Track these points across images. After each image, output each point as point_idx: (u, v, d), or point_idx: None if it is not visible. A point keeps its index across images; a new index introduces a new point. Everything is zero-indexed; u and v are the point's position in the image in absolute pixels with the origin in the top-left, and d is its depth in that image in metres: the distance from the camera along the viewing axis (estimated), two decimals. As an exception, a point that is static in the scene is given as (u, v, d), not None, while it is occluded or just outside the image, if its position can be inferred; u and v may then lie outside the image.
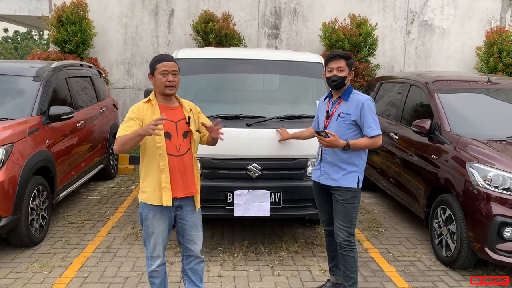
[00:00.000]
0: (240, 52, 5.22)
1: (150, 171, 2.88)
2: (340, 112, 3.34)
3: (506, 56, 8.36)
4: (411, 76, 5.89)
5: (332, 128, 3.34)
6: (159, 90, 2.90)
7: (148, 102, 2.91)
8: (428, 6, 9.25)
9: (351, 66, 3.34)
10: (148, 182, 2.89)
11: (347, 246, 3.36)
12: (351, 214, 3.35)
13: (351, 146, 3.24)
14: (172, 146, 2.87)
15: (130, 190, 6.69)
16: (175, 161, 2.88)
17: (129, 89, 9.10)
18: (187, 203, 3.00)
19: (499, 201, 3.82)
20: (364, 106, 3.25)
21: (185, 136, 2.94)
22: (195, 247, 3.09)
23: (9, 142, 4.23)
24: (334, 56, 3.32)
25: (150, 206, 2.91)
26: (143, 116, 2.85)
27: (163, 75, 2.85)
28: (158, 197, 2.87)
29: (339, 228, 3.36)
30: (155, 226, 2.94)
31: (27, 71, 5.30)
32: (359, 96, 3.33)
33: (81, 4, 8.38)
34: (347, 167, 3.33)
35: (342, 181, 3.33)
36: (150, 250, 3.00)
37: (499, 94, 5.30)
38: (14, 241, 4.39)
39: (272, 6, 9.11)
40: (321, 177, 3.45)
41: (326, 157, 3.40)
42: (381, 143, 3.38)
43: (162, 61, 2.87)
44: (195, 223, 3.06)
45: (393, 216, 5.77)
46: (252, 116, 4.37)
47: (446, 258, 4.28)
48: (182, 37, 9.02)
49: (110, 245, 4.62)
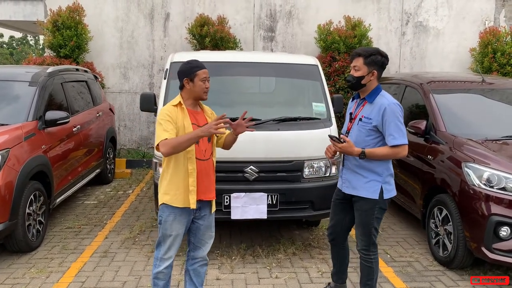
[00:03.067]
0: (236, 55, 5.24)
1: (176, 174, 2.93)
2: (362, 115, 3.10)
3: (501, 57, 8.40)
4: (406, 77, 5.92)
5: (353, 132, 3.12)
6: (196, 95, 2.97)
7: (178, 106, 2.96)
8: (422, 7, 9.29)
9: (373, 64, 3.04)
10: (174, 184, 2.94)
11: (364, 256, 3.25)
12: (369, 226, 3.14)
13: (366, 155, 3.00)
14: (200, 151, 2.96)
15: (127, 195, 6.68)
16: (202, 165, 2.97)
17: (125, 93, 9.09)
18: (206, 205, 3.09)
19: (495, 201, 3.84)
20: (387, 111, 2.97)
21: (209, 140, 3.04)
22: (205, 247, 3.15)
23: (5, 147, 4.22)
24: (353, 55, 3.12)
25: (171, 208, 2.95)
26: (175, 118, 2.90)
27: (203, 81, 2.95)
28: (183, 199, 2.93)
29: (358, 236, 3.25)
30: (174, 229, 2.98)
31: (23, 76, 5.29)
32: (383, 99, 3.05)
33: (77, 9, 8.37)
34: (368, 175, 3.09)
35: (362, 190, 3.12)
36: (163, 252, 3.02)
37: (493, 94, 5.33)
38: (11, 246, 4.38)
39: (267, 9, 9.13)
40: (343, 185, 3.27)
41: (347, 163, 3.21)
42: (406, 153, 3.07)
43: (201, 68, 2.97)
44: (210, 223, 3.15)
45: (390, 217, 5.78)
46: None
47: (443, 258, 4.29)
48: (178, 40, 9.02)
49: (107, 250, 4.61)
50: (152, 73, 9.09)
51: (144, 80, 9.10)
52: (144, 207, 6.05)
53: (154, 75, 9.09)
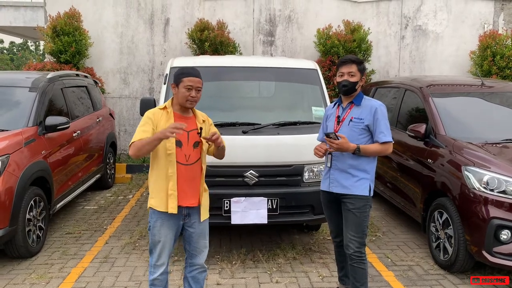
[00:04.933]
0: (236, 59, 5.25)
1: (159, 177, 2.92)
2: (352, 117, 3.29)
3: (500, 60, 8.41)
4: (406, 81, 5.93)
5: (343, 133, 3.27)
6: (179, 101, 2.95)
7: (163, 109, 2.96)
8: (421, 11, 9.31)
9: (363, 71, 3.32)
10: (156, 188, 2.94)
11: (357, 258, 3.27)
12: (363, 224, 3.26)
13: (361, 151, 3.18)
14: (182, 155, 2.93)
15: (127, 199, 6.68)
16: (183, 170, 2.92)
17: (125, 98, 9.11)
18: (195, 212, 3.03)
19: (495, 204, 3.83)
20: (378, 111, 3.23)
21: (196, 146, 2.99)
22: (201, 255, 3.11)
23: (5, 153, 4.23)
24: (346, 61, 3.29)
25: (158, 213, 2.94)
26: (158, 121, 2.90)
27: (187, 89, 2.90)
28: (164, 203, 2.91)
29: (350, 239, 3.27)
30: (162, 234, 2.96)
31: (23, 81, 5.31)
32: (372, 101, 3.32)
33: (74, 14, 8.39)
34: (358, 174, 3.26)
35: (354, 188, 3.25)
36: (155, 259, 3.00)
37: (493, 97, 5.33)
38: (11, 252, 4.37)
39: (266, 13, 9.15)
40: (331, 185, 3.36)
41: (336, 163, 3.32)
42: (392, 151, 3.34)
43: (189, 75, 2.91)
44: (203, 231, 3.09)
45: (390, 221, 5.78)
46: (248, 123, 4.38)
47: (444, 261, 4.28)
48: (178, 45, 9.04)
49: (107, 255, 4.60)
50: (152, 78, 9.11)
51: (144, 85, 9.11)
52: (144, 212, 6.04)
53: (154, 80, 9.11)
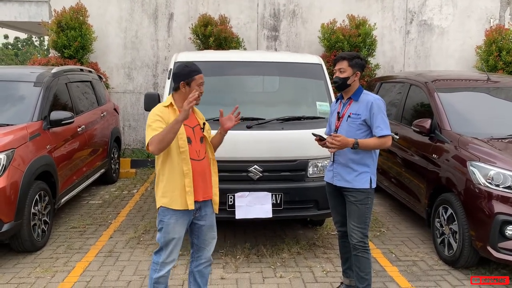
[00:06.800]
0: (240, 54, 5.24)
1: (172, 176, 2.91)
2: (350, 113, 3.36)
3: (506, 55, 8.35)
4: (411, 75, 5.89)
5: (343, 128, 3.36)
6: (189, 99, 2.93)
7: (169, 107, 2.95)
8: (427, 5, 9.25)
9: (356, 66, 3.34)
10: (171, 186, 2.92)
11: (361, 247, 3.36)
12: (365, 215, 3.35)
13: (360, 145, 3.22)
14: (193, 151, 2.94)
15: (132, 194, 6.70)
16: (196, 166, 2.94)
17: (129, 93, 9.11)
18: (206, 205, 3.06)
19: (500, 200, 3.81)
20: (373, 106, 3.26)
21: (201, 141, 3.02)
22: (209, 247, 3.14)
23: (10, 147, 4.24)
24: (337, 58, 3.42)
25: (172, 211, 2.92)
26: (167, 119, 2.88)
27: (199, 86, 2.94)
28: (179, 201, 2.90)
29: (353, 229, 3.37)
30: (177, 231, 2.96)
31: (28, 76, 5.32)
32: (369, 96, 3.35)
33: (80, 9, 8.39)
34: (359, 168, 3.33)
35: (355, 182, 3.33)
36: (165, 256, 2.98)
37: (499, 92, 5.30)
38: (17, 246, 4.40)
39: (271, 8, 9.11)
40: (334, 179, 3.46)
41: (338, 158, 3.41)
42: (391, 144, 3.38)
43: (199, 72, 2.96)
44: (212, 223, 3.13)
45: (395, 216, 5.77)
46: (252, 118, 4.37)
47: (449, 257, 4.27)
48: (182, 40, 9.02)
49: (112, 249, 4.62)
50: (156, 73, 9.11)
51: (148, 80, 9.11)
52: (149, 206, 6.06)
53: (158, 75, 9.10)
